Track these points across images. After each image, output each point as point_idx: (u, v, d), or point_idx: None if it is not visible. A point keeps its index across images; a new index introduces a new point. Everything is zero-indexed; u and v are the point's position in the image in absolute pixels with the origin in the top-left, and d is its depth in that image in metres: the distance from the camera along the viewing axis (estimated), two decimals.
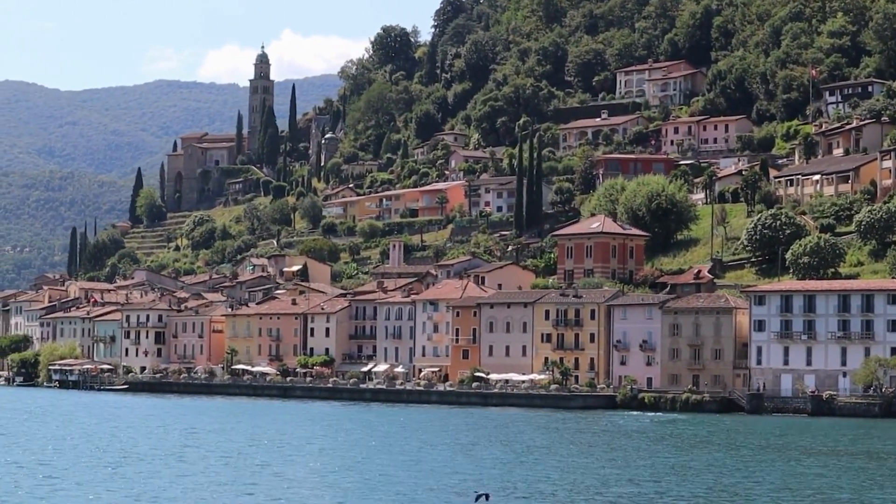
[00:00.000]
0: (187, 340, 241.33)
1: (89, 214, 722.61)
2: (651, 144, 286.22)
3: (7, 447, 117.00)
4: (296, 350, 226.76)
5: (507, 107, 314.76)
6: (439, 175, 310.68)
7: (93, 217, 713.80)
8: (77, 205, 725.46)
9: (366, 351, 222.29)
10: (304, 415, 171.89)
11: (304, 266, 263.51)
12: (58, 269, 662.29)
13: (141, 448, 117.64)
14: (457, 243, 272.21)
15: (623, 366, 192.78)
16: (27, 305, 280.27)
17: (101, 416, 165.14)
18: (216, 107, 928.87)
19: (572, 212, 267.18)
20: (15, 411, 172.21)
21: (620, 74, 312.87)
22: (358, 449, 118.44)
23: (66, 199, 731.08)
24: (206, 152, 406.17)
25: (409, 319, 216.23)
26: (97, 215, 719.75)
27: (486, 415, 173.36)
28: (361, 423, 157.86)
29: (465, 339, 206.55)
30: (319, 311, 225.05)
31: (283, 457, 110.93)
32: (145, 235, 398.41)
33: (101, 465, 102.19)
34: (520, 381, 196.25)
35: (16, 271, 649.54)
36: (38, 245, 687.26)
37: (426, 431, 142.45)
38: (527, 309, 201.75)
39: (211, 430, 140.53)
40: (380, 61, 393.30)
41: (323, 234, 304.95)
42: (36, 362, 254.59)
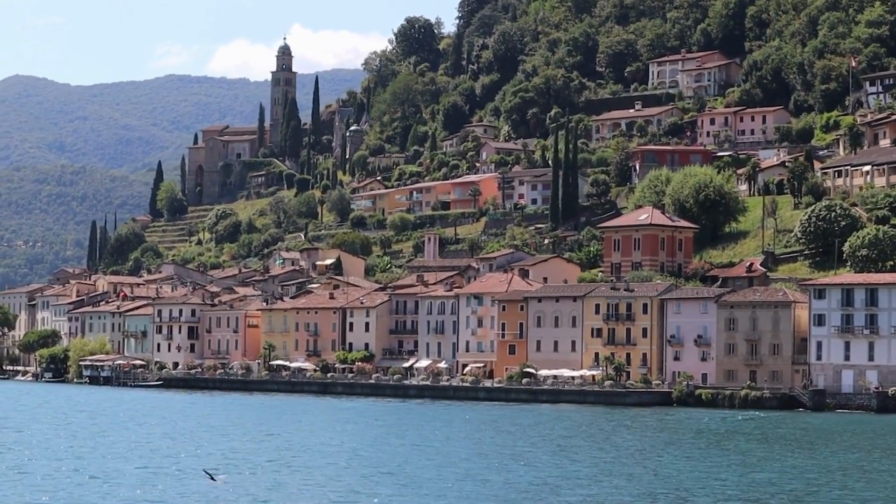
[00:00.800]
0: (221, 335, 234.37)
1: (101, 209, 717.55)
2: (687, 136, 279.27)
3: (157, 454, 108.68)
4: (334, 345, 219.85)
5: (538, 98, 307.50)
6: (470, 167, 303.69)
7: (104, 212, 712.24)
8: (89, 199, 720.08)
9: (407, 346, 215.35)
10: (362, 413, 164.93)
11: (338, 259, 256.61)
12: (70, 264, 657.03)
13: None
14: (491, 236, 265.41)
15: (677, 361, 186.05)
16: (54, 300, 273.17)
17: (175, 415, 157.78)
18: (227, 101, 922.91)
19: (609, 204, 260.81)
20: (94, 412, 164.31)
21: (653, 65, 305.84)
22: (472, 453, 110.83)
23: (78, 194, 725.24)
24: (227, 145, 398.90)
25: (452, 314, 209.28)
26: (109, 210, 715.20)
27: (543, 412, 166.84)
28: (427, 420, 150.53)
29: (512, 334, 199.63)
30: (359, 306, 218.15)
31: (417, 462, 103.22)
32: (166, 229, 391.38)
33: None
34: (571, 377, 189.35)
35: (28, 266, 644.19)
36: (50, 240, 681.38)
37: (505, 430, 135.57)
38: (576, 303, 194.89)
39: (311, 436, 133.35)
40: (403, 53, 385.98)
41: (352, 227, 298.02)
42: (65, 358, 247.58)
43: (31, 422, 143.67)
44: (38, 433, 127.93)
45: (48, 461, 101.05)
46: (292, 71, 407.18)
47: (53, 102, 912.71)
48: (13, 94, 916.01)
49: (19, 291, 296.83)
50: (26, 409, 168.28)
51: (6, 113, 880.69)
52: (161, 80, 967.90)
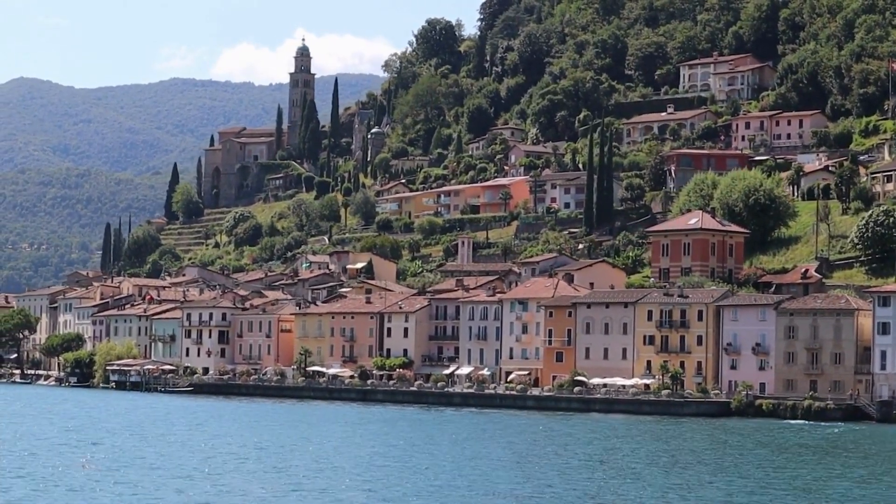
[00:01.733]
0: (253, 340, 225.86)
1: (106, 212, 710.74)
2: (721, 140, 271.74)
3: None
4: (371, 351, 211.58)
5: (567, 101, 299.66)
6: (498, 170, 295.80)
7: (108, 215, 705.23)
8: (94, 202, 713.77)
9: (447, 352, 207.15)
10: (429, 423, 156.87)
11: (370, 263, 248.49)
12: (75, 267, 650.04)
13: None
14: (524, 240, 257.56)
15: (733, 370, 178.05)
16: (77, 303, 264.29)
17: (245, 424, 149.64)
18: (231, 105, 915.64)
19: (643, 209, 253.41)
20: (157, 420, 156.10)
21: (684, 68, 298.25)
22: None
23: (83, 197, 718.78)
24: (244, 147, 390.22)
25: (495, 320, 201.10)
26: (114, 213, 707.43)
27: (601, 422, 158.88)
28: (500, 432, 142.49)
29: (560, 341, 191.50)
30: (397, 311, 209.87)
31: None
32: (182, 232, 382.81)
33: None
34: (624, 385, 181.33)
35: (33, 269, 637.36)
36: (55, 243, 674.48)
37: (596, 442, 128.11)
38: (627, 309, 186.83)
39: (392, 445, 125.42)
40: (424, 55, 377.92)
41: (378, 230, 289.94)
42: (91, 362, 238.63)
43: (104, 431, 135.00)
44: (127, 443, 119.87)
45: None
46: (311, 73, 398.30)
47: (58, 105, 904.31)
48: (17, 96, 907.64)
49: (40, 293, 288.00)
50: (81, 416, 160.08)
51: (10, 115, 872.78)
52: (165, 84, 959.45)
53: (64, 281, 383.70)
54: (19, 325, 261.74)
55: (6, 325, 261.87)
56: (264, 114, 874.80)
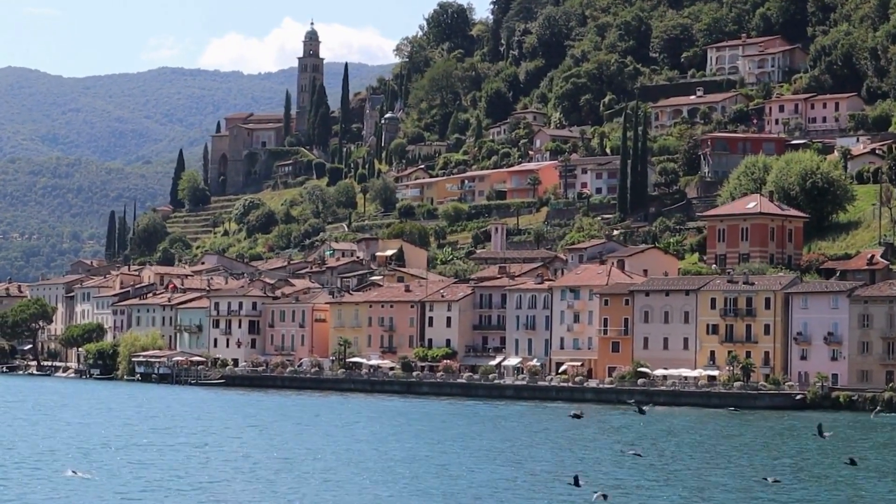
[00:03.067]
0: (286, 330, 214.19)
1: (96, 202, 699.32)
2: (754, 123, 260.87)
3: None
4: (411, 341, 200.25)
5: (591, 84, 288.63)
6: (522, 155, 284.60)
7: (99, 204, 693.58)
8: (84, 192, 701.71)
9: (492, 343, 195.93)
10: (511, 418, 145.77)
11: (400, 250, 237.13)
12: (66, 256, 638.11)
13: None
14: (555, 226, 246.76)
15: (803, 360, 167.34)
16: (95, 292, 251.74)
17: (315, 419, 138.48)
18: (221, 95, 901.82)
19: (678, 194, 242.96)
20: (226, 414, 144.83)
21: (711, 50, 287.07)
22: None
23: (74, 187, 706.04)
24: (251, 133, 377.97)
25: (545, 308, 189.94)
26: (105, 202, 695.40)
27: (685, 416, 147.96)
28: (593, 430, 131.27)
29: (616, 330, 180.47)
30: (439, 299, 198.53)
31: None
32: (188, 220, 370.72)
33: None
34: (689, 376, 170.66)
35: (24, 259, 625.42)
36: (46, 232, 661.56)
37: (714, 441, 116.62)
38: (689, 297, 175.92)
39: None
40: (435, 39, 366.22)
41: (399, 217, 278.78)
42: (114, 353, 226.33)
43: (201, 429, 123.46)
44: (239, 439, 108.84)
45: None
46: (319, 57, 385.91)
47: (46, 94, 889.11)
48: (5, 85, 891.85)
49: (55, 283, 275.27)
50: (151, 412, 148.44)
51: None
52: (154, 73, 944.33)
53: (67, 270, 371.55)
54: (35, 315, 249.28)
55: (22, 315, 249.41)
56: (254, 103, 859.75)
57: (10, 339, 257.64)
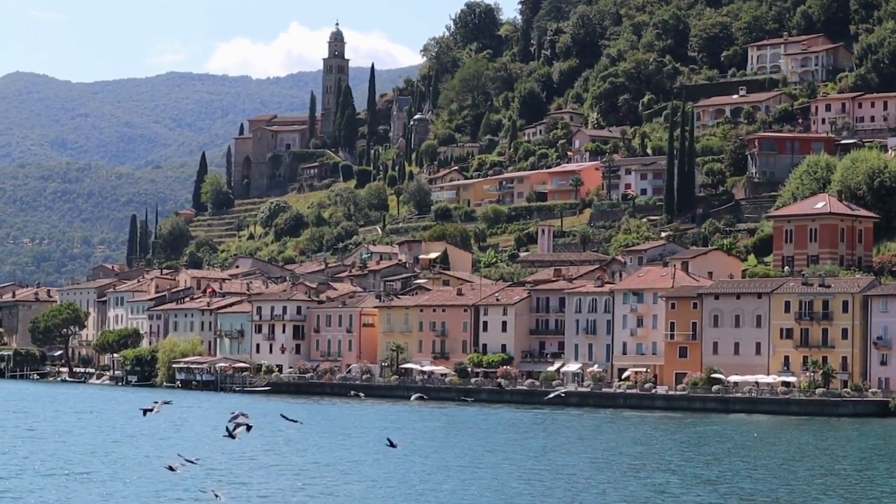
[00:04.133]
0: (332, 335, 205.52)
1: (107, 206, 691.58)
2: (799, 123, 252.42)
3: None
4: (465, 346, 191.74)
5: (629, 84, 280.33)
6: (560, 156, 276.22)
7: (109, 209, 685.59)
8: (95, 197, 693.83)
9: (550, 348, 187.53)
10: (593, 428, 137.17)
11: (444, 253, 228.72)
12: (78, 262, 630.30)
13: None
14: (600, 228, 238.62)
15: (884, 366, 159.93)
16: (130, 296, 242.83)
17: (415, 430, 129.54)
18: (229, 99, 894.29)
19: (726, 195, 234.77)
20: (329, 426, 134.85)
21: (752, 49, 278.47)
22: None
23: (84, 192, 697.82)
24: (275, 135, 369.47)
25: (606, 312, 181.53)
26: (116, 207, 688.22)
27: (778, 426, 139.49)
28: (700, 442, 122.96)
29: (683, 335, 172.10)
30: (494, 303, 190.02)
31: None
32: (211, 223, 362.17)
33: None
34: (764, 383, 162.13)
35: (35, 264, 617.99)
36: (56, 237, 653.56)
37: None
38: (761, 300, 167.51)
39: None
40: (463, 40, 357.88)
41: (435, 219, 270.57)
42: (152, 360, 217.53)
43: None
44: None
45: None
46: (345, 58, 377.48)
47: (54, 99, 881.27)
48: (14, 90, 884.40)
49: (87, 287, 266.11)
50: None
51: (7, 110, 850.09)
52: (162, 78, 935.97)
53: (89, 275, 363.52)
54: (68, 320, 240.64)
55: (54, 320, 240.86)
56: (262, 107, 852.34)
57: (41, 346, 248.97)
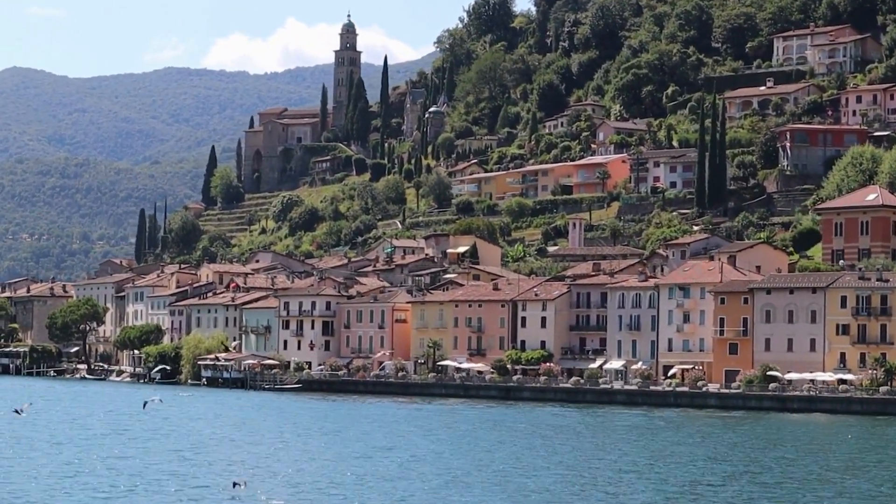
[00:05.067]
0: (363, 331, 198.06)
1: (106, 202, 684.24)
2: (829, 115, 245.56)
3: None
4: (502, 343, 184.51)
5: (653, 75, 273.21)
6: (583, 149, 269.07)
7: (108, 205, 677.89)
8: (94, 192, 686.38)
9: (591, 344, 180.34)
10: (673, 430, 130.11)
11: (474, 247, 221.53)
12: (77, 257, 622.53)
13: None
14: (629, 222, 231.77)
15: None
16: (150, 291, 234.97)
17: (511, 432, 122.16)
18: (227, 94, 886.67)
19: (757, 188, 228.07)
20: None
21: (777, 40, 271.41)
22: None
23: (83, 187, 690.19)
24: (286, 129, 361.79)
25: (651, 307, 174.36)
26: (115, 203, 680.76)
27: (844, 425, 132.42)
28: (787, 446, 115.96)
29: (733, 331, 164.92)
30: (533, 298, 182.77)
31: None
32: (221, 217, 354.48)
33: None
34: (820, 380, 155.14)
35: (34, 259, 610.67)
36: (55, 233, 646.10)
37: None
38: (816, 295, 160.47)
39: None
40: (477, 32, 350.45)
41: (457, 213, 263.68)
42: (176, 356, 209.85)
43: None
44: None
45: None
46: (357, 50, 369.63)
47: (52, 95, 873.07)
48: (11, 86, 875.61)
49: (104, 282, 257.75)
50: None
51: (5, 105, 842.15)
52: (160, 73, 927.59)
53: (96, 270, 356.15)
54: (86, 315, 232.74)
55: (72, 316, 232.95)
56: (260, 103, 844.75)
57: (58, 342, 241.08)
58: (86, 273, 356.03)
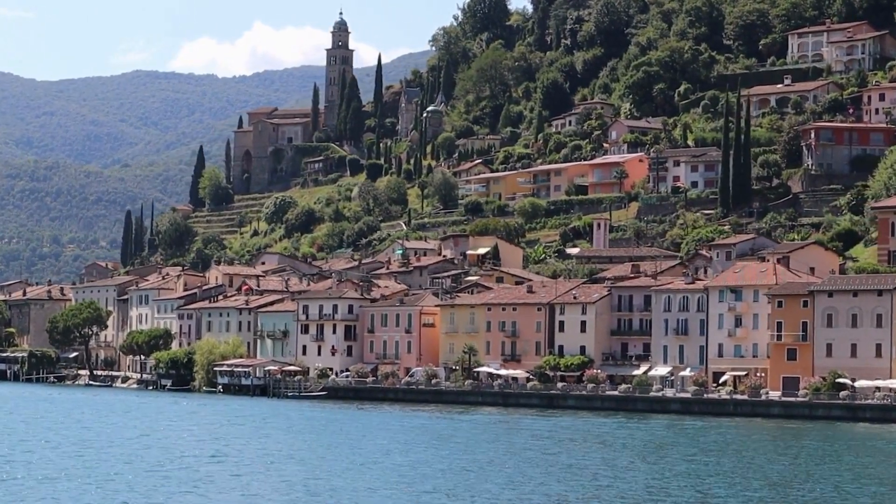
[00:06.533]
0: (388, 336, 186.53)
1: (76, 205, 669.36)
2: (850, 113, 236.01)
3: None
4: (538, 348, 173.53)
5: (664, 73, 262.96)
6: (594, 148, 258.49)
7: (78, 208, 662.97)
8: (63, 195, 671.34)
9: (633, 350, 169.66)
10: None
11: (495, 248, 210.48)
12: (48, 261, 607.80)
13: None
14: (652, 223, 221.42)
15: None
16: (155, 294, 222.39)
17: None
18: (195, 98, 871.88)
19: (782, 188, 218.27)
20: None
21: (792, 37, 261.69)
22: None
23: (52, 190, 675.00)
24: (277, 129, 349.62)
25: (699, 311, 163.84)
26: (85, 206, 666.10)
27: None
28: None
29: (792, 336, 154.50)
30: (571, 301, 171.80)
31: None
32: (210, 219, 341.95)
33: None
34: (890, 388, 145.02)
35: (4, 262, 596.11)
36: (25, 236, 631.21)
37: None
38: (882, 298, 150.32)
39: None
40: (472, 30, 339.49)
41: (465, 214, 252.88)
42: (189, 362, 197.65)
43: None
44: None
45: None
46: (349, 48, 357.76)
47: (19, 97, 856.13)
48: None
49: (103, 284, 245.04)
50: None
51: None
52: (128, 76, 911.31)
53: (82, 273, 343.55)
54: (88, 319, 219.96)
55: (74, 320, 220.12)
56: (229, 106, 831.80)
57: (59, 347, 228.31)
58: (72, 277, 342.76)
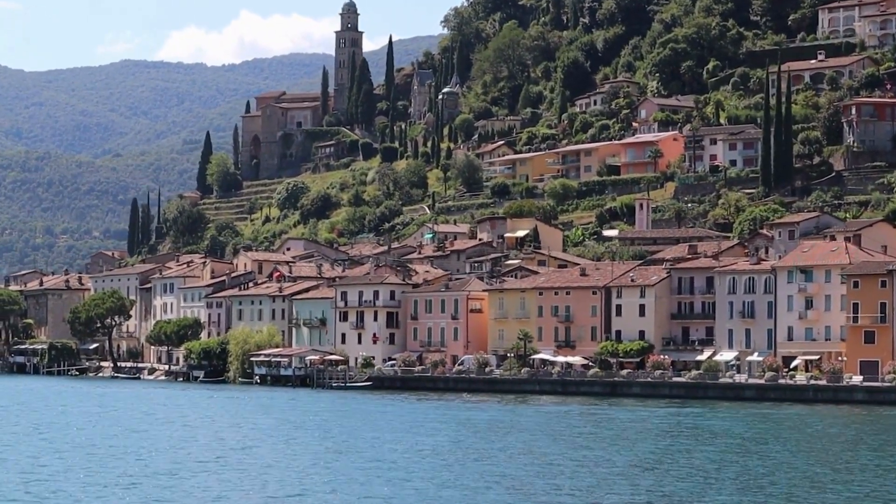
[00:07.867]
0: (433, 323, 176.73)
1: (68, 195, 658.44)
2: (888, 89, 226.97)
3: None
4: (594, 334, 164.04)
5: (692, 50, 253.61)
6: (623, 128, 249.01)
7: (71, 198, 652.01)
8: (55, 186, 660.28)
9: (695, 334, 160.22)
10: None
11: (535, 230, 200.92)
12: (41, 252, 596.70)
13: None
14: (692, 203, 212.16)
15: None
16: (181, 282, 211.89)
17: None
18: (185, 87, 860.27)
19: (824, 165, 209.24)
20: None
21: (823, 12, 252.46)
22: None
23: (44, 180, 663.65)
24: (286, 113, 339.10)
25: (767, 293, 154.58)
26: (77, 196, 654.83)
27: None
28: None
29: (870, 318, 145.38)
30: (629, 284, 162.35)
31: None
32: (219, 206, 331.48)
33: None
34: None
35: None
36: (18, 227, 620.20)
37: None
38: None
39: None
40: (484, 9, 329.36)
41: (492, 196, 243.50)
42: (223, 353, 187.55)
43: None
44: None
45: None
46: (359, 31, 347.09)
47: (8, 88, 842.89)
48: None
49: (124, 273, 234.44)
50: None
51: None
52: (116, 66, 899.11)
53: (88, 262, 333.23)
54: (112, 309, 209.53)
55: (97, 310, 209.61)
56: (218, 94, 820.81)
57: (80, 338, 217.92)
58: (66, 267, 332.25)
